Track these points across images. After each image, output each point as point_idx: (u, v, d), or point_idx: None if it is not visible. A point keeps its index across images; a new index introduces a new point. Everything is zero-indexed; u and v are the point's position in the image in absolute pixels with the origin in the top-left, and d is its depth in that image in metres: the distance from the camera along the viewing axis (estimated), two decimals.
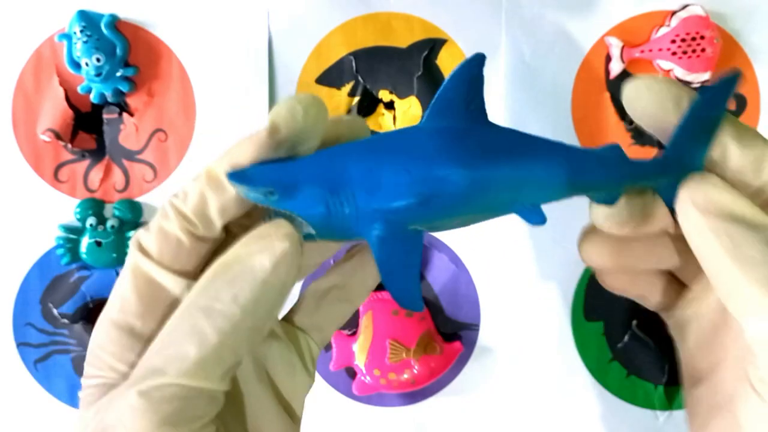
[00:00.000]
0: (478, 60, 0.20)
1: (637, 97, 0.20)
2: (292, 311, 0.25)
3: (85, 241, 0.49)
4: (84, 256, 0.49)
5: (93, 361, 0.20)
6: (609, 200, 0.21)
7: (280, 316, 0.24)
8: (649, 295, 0.24)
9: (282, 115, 0.19)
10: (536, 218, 0.20)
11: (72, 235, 0.49)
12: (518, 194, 0.20)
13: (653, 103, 0.20)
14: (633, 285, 0.23)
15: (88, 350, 0.21)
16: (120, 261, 0.49)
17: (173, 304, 0.20)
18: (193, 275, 0.20)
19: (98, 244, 0.49)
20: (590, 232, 0.22)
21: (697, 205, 0.19)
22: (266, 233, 0.19)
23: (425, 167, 0.19)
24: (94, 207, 0.50)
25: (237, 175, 0.19)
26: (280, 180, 0.19)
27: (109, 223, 0.49)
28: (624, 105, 0.21)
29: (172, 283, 0.20)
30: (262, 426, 0.22)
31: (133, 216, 0.50)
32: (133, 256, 0.20)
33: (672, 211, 0.21)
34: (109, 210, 0.50)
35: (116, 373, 0.20)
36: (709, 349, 0.22)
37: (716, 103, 0.20)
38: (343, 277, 0.25)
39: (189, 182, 0.20)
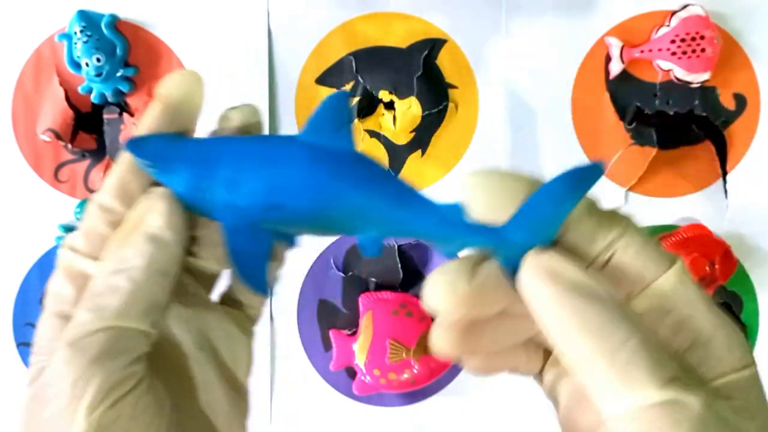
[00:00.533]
0: (344, 95, 0.23)
1: (473, 196, 0.20)
2: (226, 291, 0.27)
3: None
4: None
5: (36, 349, 0.22)
6: (447, 254, 0.22)
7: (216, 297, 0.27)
8: (517, 367, 0.23)
9: (166, 85, 0.23)
10: (371, 250, 0.22)
11: None
12: (359, 222, 0.22)
13: (488, 201, 0.20)
14: (498, 364, 0.23)
15: (32, 343, 0.23)
16: None
17: None
18: None
19: None
20: (437, 323, 0.21)
21: (540, 277, 0.19)
22: (150, 197, 0.22)
23: (281, 178, 0.22)
24: None
25: (130, 144, 0.22)
26: (159, 156, 0.22)
27: None
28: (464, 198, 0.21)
29: None
30: (209, 396, 0.24)
31: None
32: (64, 256, 0.23)
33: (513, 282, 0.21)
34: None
35: None
36: (581, 411, 0.22)
37: (570, 193, 0.20)
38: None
39: (108, 175, 0.23)
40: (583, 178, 0.20)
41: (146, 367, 0.21)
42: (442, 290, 0.20)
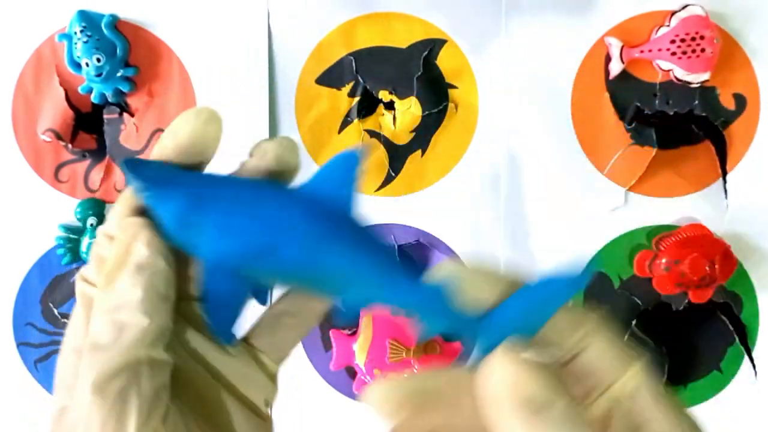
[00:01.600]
0: (356, 156, 0.22)
1: (454, 284, 0.20)
2: (250, 331, 0.26)
3: (86, 241, 0.49)
4: (84, 255, 0.49)
5: (59, 388, 0.22)
6: (425, 334, 0.22)
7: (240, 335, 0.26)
8: None
9: (176, 123, 0.22)
10: (346, 317, 0.22)
11: (72, 235, 0.49)
12: (341, 287, 0.21)
13: (469, 292, 0.20)
14: None
15: (55, 379, 0.22)
16: None
17: None
18: None
19: None
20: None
21: (496, 387, 0.19)
22: (129, 227, 0.22)
23: (273, 229, 0.21)
24: (95, 207, 0.50)
25: (126, 163, 0.21)
26: (155, 180, 0.21)
27: None
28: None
29: None
30: (234, 419, 0.24)
31: None
32: (79, 288, 0.23)
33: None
34: (109, 210, 0.50)
35: None
36: None
37: (553, 299, 0.20)
38: (296, 304, 0.25)
39: (115, 203, 0.23)
40: (566, 285, 0.20)
41: (171, 397, 0.21)
42: (383, 391, 0.20)
